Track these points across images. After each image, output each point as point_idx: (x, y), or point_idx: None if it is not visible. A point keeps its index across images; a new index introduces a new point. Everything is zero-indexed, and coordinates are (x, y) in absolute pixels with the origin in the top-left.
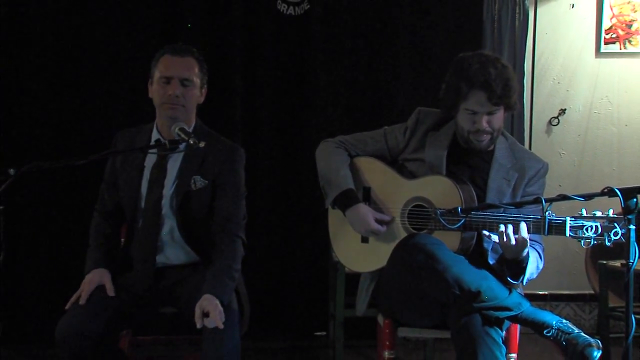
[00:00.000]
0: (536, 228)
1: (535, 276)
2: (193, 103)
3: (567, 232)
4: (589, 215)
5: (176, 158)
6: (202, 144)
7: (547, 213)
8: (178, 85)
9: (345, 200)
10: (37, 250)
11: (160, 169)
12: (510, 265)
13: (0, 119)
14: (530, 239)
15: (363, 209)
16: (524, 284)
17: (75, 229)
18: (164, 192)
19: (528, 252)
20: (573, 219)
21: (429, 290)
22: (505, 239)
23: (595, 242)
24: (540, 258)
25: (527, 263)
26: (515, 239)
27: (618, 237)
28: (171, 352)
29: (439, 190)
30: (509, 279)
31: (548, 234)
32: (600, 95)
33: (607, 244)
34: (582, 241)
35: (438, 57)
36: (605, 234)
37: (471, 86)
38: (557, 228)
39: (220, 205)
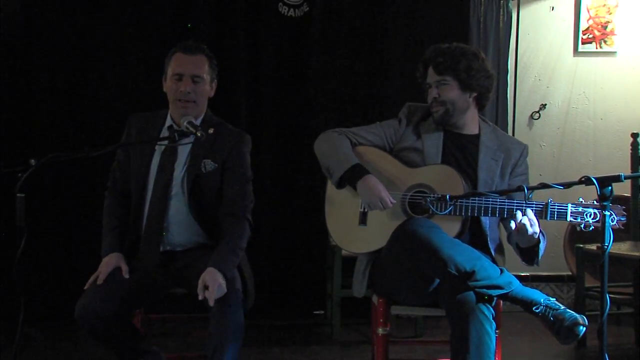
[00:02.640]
0: (539, 214)
1: (543, 252)
2: (204, 97)
3: (569, 217)
4: (587, 202)
5: None
6: (210, 130)
7: (549, 200)
8: (189, 81)
9: (355, 174)
10: (56, 234)
11: (170, 153)
12: (525, 252)
13: (22, 115)
14: None
15: (373, 179)
16: (538, 265)
17: (92, 215)
18: (174, 174)
19: (539, 236)
20: (574, 205)
21: (427, 270)
22: (523, 229)
23: (593, 228)
24: (543, 235)
25: (539, 247)
26: (532, 226)
27: (614, 222)
28: (181, 328)
29: (443, 178)
30: (524, 264)
31: (550, 219)
32: (577, 91)
33: None
34: (583, 224)
35: None
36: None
37: (425, 64)
38: (560, 214)
39: (228, 188)
